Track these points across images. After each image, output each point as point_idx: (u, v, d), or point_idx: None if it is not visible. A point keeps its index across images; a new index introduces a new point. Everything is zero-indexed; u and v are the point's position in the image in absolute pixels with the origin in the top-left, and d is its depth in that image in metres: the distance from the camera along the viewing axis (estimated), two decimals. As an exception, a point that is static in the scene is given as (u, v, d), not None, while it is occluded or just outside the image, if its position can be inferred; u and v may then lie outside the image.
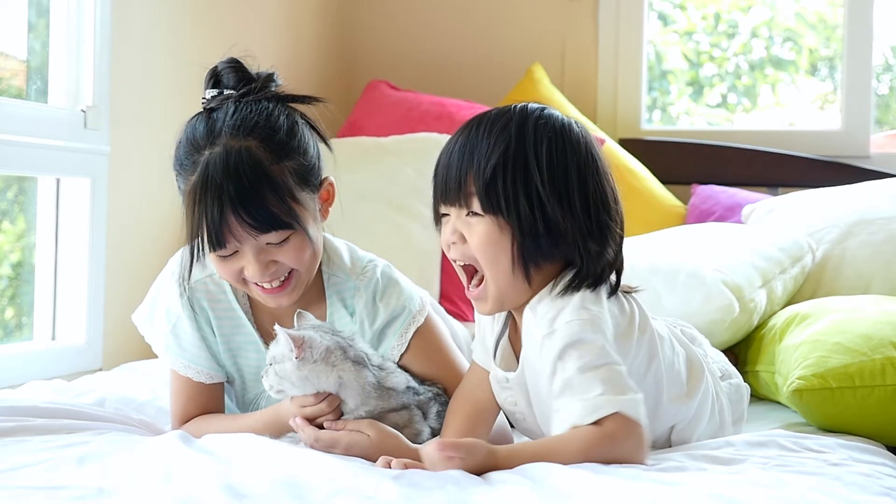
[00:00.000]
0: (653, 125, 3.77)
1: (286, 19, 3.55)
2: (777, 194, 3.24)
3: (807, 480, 1.53)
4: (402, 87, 3.64)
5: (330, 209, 1.94)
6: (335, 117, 3.69)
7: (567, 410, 1.61)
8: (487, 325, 1.82)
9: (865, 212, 2.75)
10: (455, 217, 1.69)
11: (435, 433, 1.84)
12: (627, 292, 1.77)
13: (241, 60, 1.93)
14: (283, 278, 1.84)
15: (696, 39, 3.86)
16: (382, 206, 3.10)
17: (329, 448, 1.72)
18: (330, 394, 1.77)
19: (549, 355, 1.64)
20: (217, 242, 1.77)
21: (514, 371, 1.73)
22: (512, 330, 1.79)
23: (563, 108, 3.47)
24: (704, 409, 1.82)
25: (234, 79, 1.90)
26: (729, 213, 3.11)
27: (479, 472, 1.55)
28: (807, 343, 2.07)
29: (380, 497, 1.41)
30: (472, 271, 1.73)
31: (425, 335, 1.94)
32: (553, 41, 3.74)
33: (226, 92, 1.88)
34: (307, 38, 3.68)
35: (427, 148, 3.20)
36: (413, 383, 1.86)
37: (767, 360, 2.26)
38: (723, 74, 3.85)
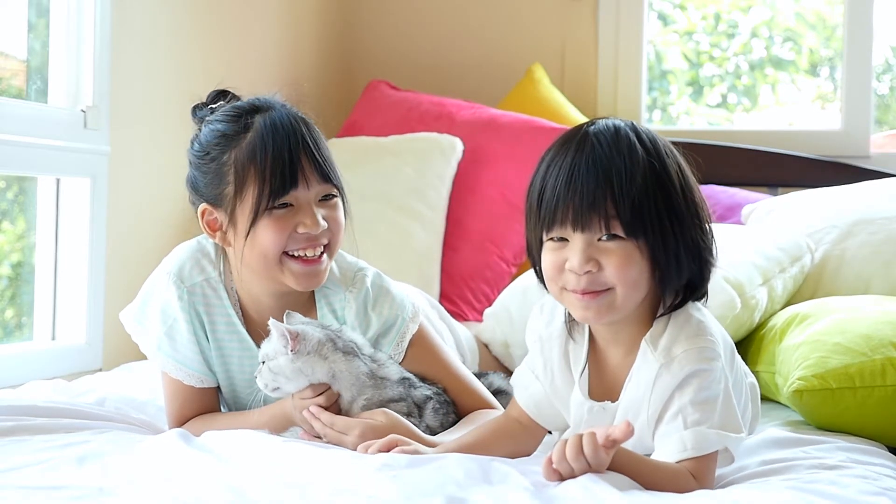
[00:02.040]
0: (653, 125, 3.77)
1: (286, 20, 3.54)
2: (777, 194, 3.24)
3: (805, 483, 1.53)
4: (402, 87, 3.64)
5: None
6: (335, 117, 3.70)
7: (678, 438, 1.57)
8: (557, 361, 1.72)
9: (865, 212, 2.74)
10: (584, 243, 1.57)
11: (433, 432, 1.84)
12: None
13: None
14: (321, 251, 1.87)
15: (696, 39, 3.86)
16: (382, 206, 3.10)
17: (343, 434, 1.74)
18: (329, 387, 1.79)
19: (668, 384, 1.59)
20: (291, 181, 1.83)
21: (612, 401, 1.66)
22: (591, 361, 1.71)
23: (563, 107, 3.47)
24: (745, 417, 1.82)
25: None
26: (729, 213, 3.10)
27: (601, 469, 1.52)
28: (807, 343, 2.07)
29: (380, 496, 1.41)
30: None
31: (421, 342, 1.95)
32: (553, 41, 3.73)
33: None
34: (307, 39, 3.68)
35: (427, 148, 3.20)
36: (408, 375, 1.87)
37: (767, 360, 2.26)
38: (723, 74, 3.85)
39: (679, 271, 1.60)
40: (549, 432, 1.82)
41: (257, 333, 1.92)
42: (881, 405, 1.96)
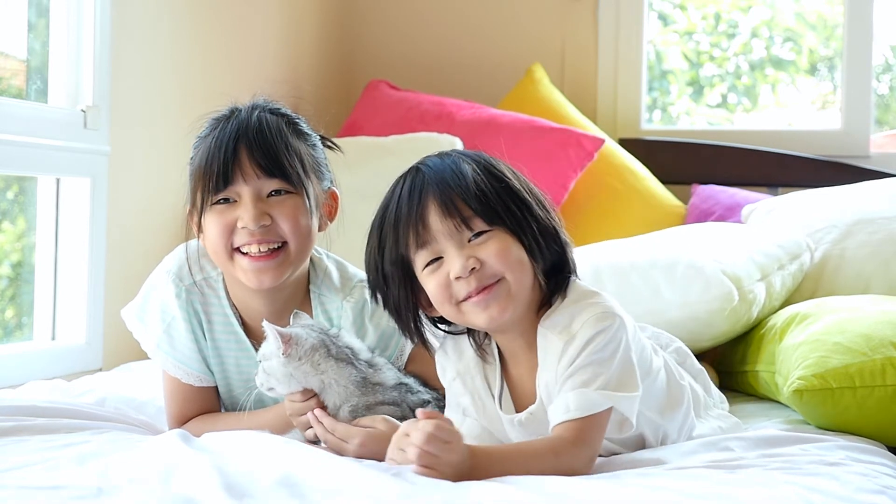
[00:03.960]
0: (653, 125, 3.77)
1: (287, 20, 3.55)
2: (777, 194, 3.24)
3: (805, 480, 1.53)
4: (402, 87, 3.64)
5: (329, 224, 1.95)
6: (335, 117, 3.70)
7: (562, 399, 1.60)
8: (481, 388, 1.74)
9: (865, 212, 2.75)
10: (458, 249, 1.63)
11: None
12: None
13: None
14: (274, 247, 1.85)
15: (696, 39, 3.86)
16: (382, 206, 3.09)
17: (343, 441, 1.73)
18: (316, 393, 1.79)
19: (572, 355, 1.62)
20: (224, 176, 1.82)
21: (534, 404, 1.69)
22: (507, 379, 1.74)
23: (563, 107, 3.47)
24: (678, 401, 1.82)
25: None
26: (729, 213, 3.10)
27: (458, 474, 1.51)
28: (807, 343, 2.07)
29: (378, 496, 1.41)
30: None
31: (421, 355, 1.94)
32: (553, 41, 3.74)
33: None
34: (308, 39, 3.68)
35: (427, 148, 3.16)
36: (406, 380, 1.86)
37: (767, 359, 2.26)
38: (723, 74, 3.85)
39: (542, 253, 1.65)
40: None
41: (255, 334, 1.93)
42: (881, 405, 1.96)
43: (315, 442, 1.79)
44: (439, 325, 1.75)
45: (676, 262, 2.41)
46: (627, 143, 3.50)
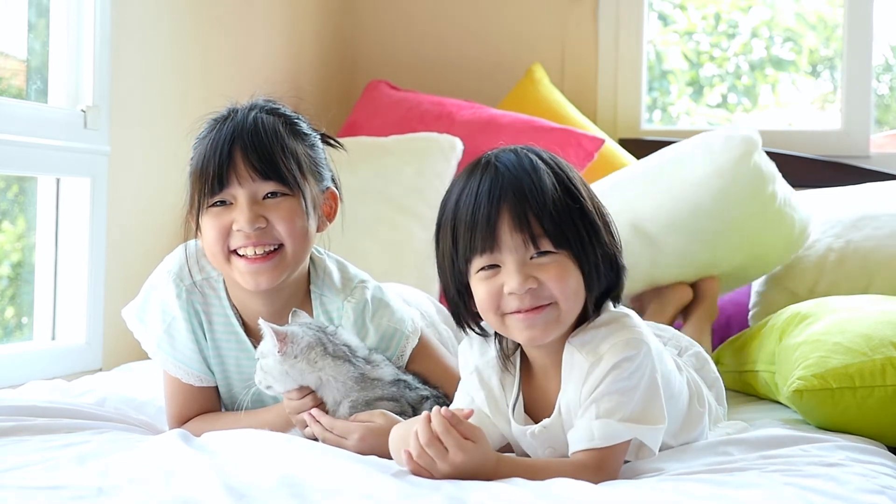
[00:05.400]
0: (653, 125, 3.77)
1: (287, 19, 3.54)
2: (777, 194, 3.24)
3: (804, 481, 1.53)
4: (402, 87, 3.64)
5: (329, 224, 1.95)
6: (335, 117, 3.70)
7: (587, 426, 1.59)
8: (497, 388, 1.72)
9: (870, 209, 2.77)
10: (518, 263, 1.59)
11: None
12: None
13: None
14: (270, 249, 1.85)
15: (696, 39, 3.86)
16: (382, 206, 3.10)
17: (342, 437, 1.73)
18: (312, 391, 1.79)
19: (596, 378, 1.60)
20: (218, 179, 1.82)
21: (549, 417, 1.67)
22: (526, 388, 1.72)
23: (563, 107, 3.47)
24: (694, 425, 1.81)
25: None
26: (729, 214, 3.11)
27: (475, 470, 1.52)
28: (807, 343, 2.07)
29: (378, 496, 1.41)
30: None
31: (422, 354, 1.95)
32: (553, 41, 3.74)
33: None
34: (308, 38, 3.68)
35: (427, 148, 3.20)
36: (405, 377, 1.86)
37: (767, 359, 2.26)
38: (723, 74, 3.85)
39: (599, 280, 1.63)
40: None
41: (255, 334, 1.93)
42: (881, 405, 1.96)
43: (315, 439, 1.79)
44: (469, 322, 1.71)
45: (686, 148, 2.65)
46: (627, 143, 3.50)
